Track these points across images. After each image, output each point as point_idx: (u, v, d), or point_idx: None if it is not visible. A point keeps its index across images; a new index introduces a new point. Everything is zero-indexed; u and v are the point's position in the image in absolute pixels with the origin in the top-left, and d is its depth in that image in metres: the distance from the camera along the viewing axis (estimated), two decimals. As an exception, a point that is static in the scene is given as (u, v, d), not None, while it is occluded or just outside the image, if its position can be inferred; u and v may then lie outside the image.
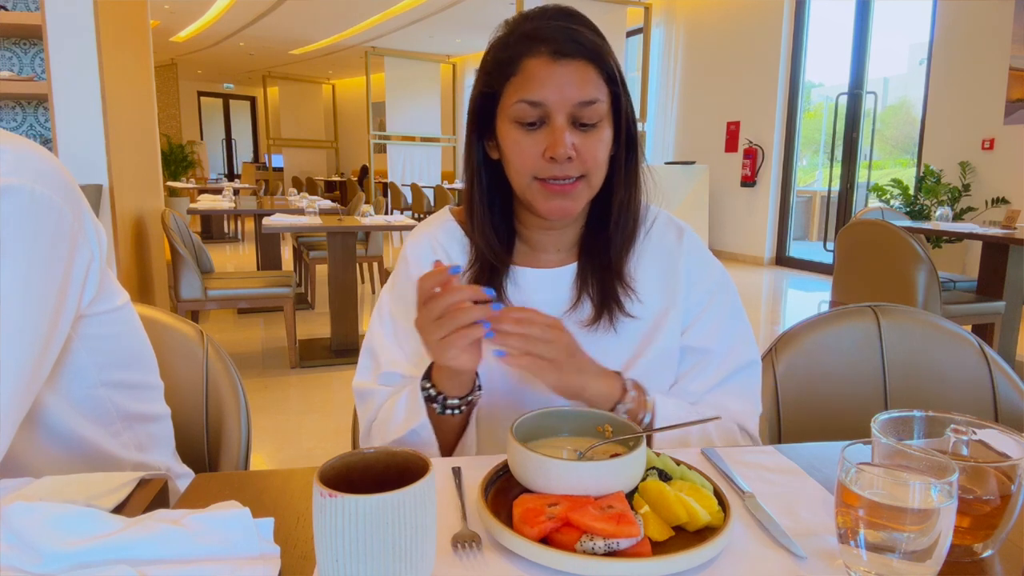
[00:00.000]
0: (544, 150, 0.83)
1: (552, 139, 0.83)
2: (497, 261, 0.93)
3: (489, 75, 0.87)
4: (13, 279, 0.64)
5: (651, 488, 0.64)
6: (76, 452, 0.79)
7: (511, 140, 0.85)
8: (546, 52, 0.82)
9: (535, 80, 0.82)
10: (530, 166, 0.85)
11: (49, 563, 0.53)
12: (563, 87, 0.82)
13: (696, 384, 0.93)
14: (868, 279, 3.57)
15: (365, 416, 0.94)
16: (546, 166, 0.84)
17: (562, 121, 0.83)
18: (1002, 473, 0.59)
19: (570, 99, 0.82)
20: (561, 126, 0.82)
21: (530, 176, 0.85)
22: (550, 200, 0.86)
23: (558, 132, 0.82)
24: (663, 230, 0.98)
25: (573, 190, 0.85)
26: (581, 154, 0.84)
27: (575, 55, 0.82)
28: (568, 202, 0.86)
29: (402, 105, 12.35)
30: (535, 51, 0.83)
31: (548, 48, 0.82)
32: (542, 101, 0.82)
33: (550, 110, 0.82)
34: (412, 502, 0.48)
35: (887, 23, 6.92)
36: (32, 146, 0.70)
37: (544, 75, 0.82)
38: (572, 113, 0.83)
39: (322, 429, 2.99)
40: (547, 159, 0.83)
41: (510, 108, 0.84)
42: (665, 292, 0.95)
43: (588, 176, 0.86)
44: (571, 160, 0.83)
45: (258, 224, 5.28)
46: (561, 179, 0.84)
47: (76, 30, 3.19)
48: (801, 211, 8.78)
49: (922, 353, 1.14)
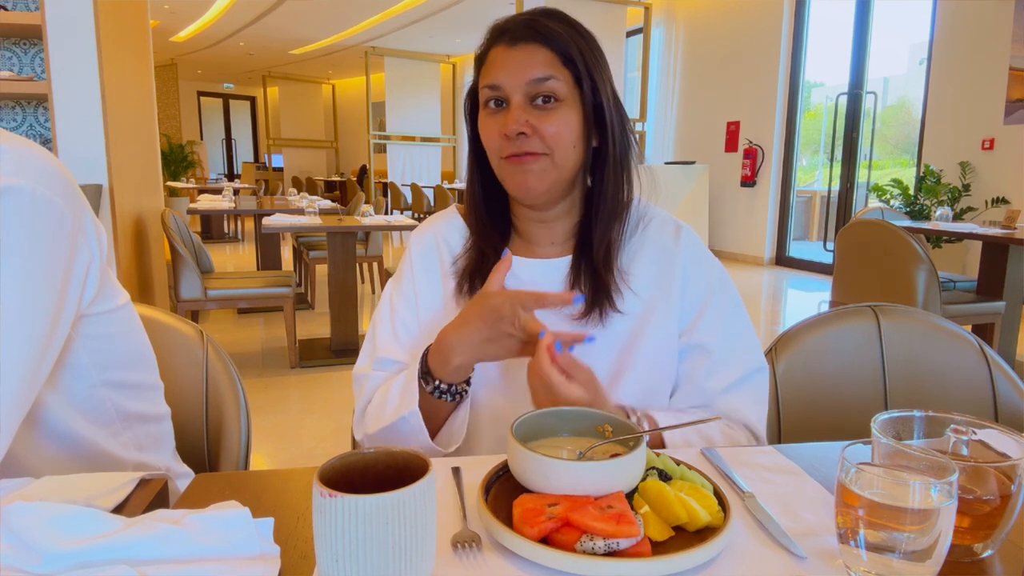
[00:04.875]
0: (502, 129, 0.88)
1: (506, 116, 0.88)
2: (491, 250, 0.96)
3: (474, 72, 0.95)
4: (13, 279, 0.64)
5: (651, 488, 0.64)
6: (76, 452, 0.79)
7: (482, 124, 0.92)
8: (504, 40, 0.89)
9: (495, 65, 0.89)
10: (496, 146, 0.90)
11: (49, 563, 0.53)
12: (516, 68, 0.88)
13: (712, 382, 0.93)
14: (868, 279, 3.57)
15: (359, 400, 0.97)
16: (507, 144, 0.88)
17: (518, 99, 0.88)
18: (1002, 473, 0.59)
19: (522, 78, 0.87)
20: (517, 104, 0.88)
21: (497, 156, 0.91)
22: (515, 175, 0.90)
23: (512, 110, 0.88)
24: (660, 228, 0.98)
25: (531, 161, 0.88)
26: (539, 130, 0.87)
27: (528, 39, 0.88)
28: (529, 178, 0.89)
29: (402, 105, 12.35)
30: (497, 41, 0.90)
31: (506, 36, 0.89)
32: (499, 84, 0.88)
33: (506, 92, 0.88)
34: (412, 502, 0.48)
35: (887, 23, 6.92)
36: (33, 146, 0.70)
37: (501, 60, 0.89)
38: (528, 92, 0.88)
39: (322, 429, 2.99)
40: (503, 136, 0.88)
41: (481, 95, 0.91)
42: (659, 288, 0.95)
43: (552, 154, 0.88)
44: (526, 136, 0.87)
45: (258, 224, 5.27)
46: (520, 154, 0.88)
47: (76, 30, 3.19)
48: (801, 211, 8.78)
49: (922, 353, 1.14)
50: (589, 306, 0.92)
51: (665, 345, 0.94)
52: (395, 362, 0.96)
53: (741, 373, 0.93)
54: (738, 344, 0.94)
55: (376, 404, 0.92)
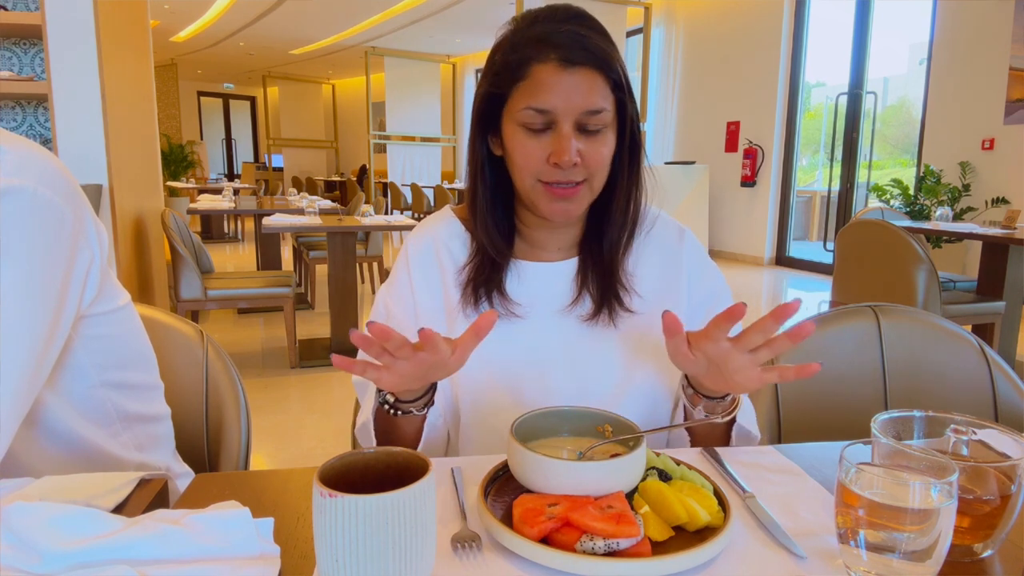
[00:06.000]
0: (549, 155, 0.84)
1: (558, 146, 0.83)
2: (499, 256, 0.94)
3: (497, 76, 0.87)
4: (14, 280, 0.64)
5: (651, 488, 0.64)
6: (76, 452, 0.79)
7: (517, 142, 0.85)
8: (555, 59, 0.82)
9: (544, 87, 0.82)
10: (534, 169, 0.85)
11: (49, 563, 0.53)
12: (571, 95, 0.82)
13: None
14: (868, 279, 3.57)
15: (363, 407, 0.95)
16: (550, 170, 0.84)
17: (568, 129, 0.83)
18: (1002, 473, 0.59)
19: (577, 107, 0.82)
20: (567, 133, 0.82)
21: (534, 178, 0.86)
22: (553, 203, 0.86)
23: (564, 139, 0.82)
24: (663, 230, 0.99)
25: (575, 194, 0.86)
26: (585, 159, 0.84)
27: (584, 63, 0.82)
28: (571, 205, 0.87)
29: (402, 105, 12.35)
30: (544, 57, 0.82)
31: (558, 55, 0.82)
32: (550, 109, 0.82)
33: (557, 117, 0.83)
34: (412, 502, 0.48)
35: (887, 23, 6.92)
36: (34, 147, 0.70)
37: (553, 82, 0.82)
38: (578, 120, 0.83)
39: (322, 429, 2.99)
40: (551, 164, 0.84)
41: (517, 112, 0.84)
42: (666, 288, 0.95)
43: (591, 180, 0.86)
44: (576, 166, 0.84)
45: (258, 224, 5.27)
46: (564, 184, 0.85)
47: (76, 30, 3.19)
48: (801, 211, 8.78)
49: (922, 353, 1.14)
50: (598, 307, 0.92)
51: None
52: None
53: None
54: None
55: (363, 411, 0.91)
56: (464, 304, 0.93)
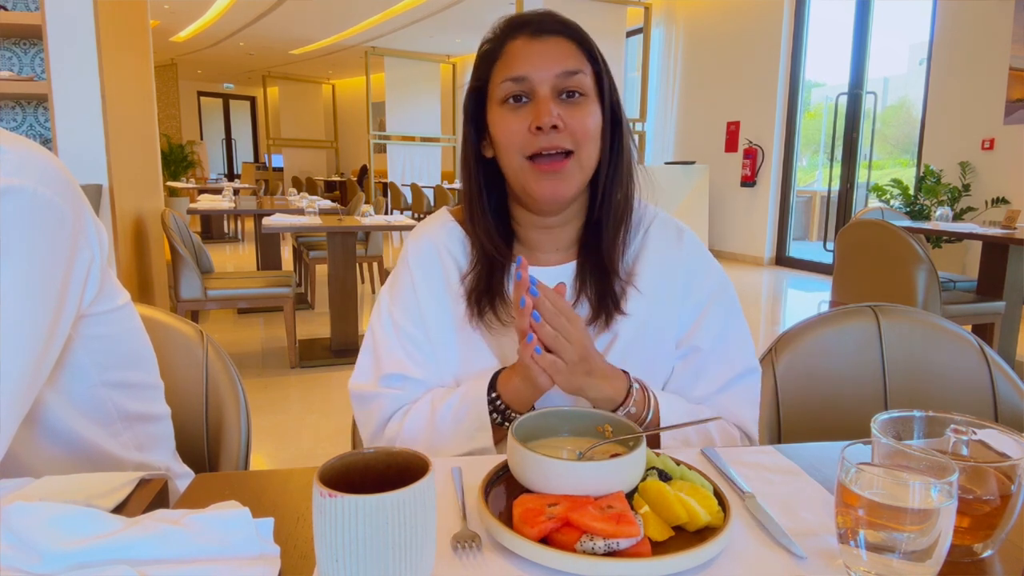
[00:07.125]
0: (531, 123, 0.85)
1: (537, 109, 0.84)
2: (501, 257, 0.93)
3: (477, 69, 0.91)
4: (14, 279, 0.64)
5: (651, 488, 0.64)
6: (76, 452, 0.79)
7: (500, 120, 0.87)
8: (527, 32, 0.86)
9: (518, 57, 0.85)
10: (519, 143, 0.86)
11: (49, 563, 0.53)
12: (545, 59, 0.85)
13: (699, 390, 0.94)
14: (868, 279, 3.57)
15: (371, 421, 0.93)
16: (533, 139, 0.85)
17: (546, 91, 0.85)
18: (1002, 473, 0.59)
19: (552, 70, 0.84)
20: (546, 96, 0.84)
21: (520, 155, 0.86)
22: (542, 181, 0.86)
23: (543, 102, 0.84)
24: (662, 229, 0.98)
25: (563, 167, 0.86)
26: (568, 125, 0.84)
27: (555, 32, 0.86)
28: (560, 183, 0.86)
29: (402, 105, 12.34)
30: (516, 33, 0.87)
31: (529, 29, 0.87)
32: (525, 75, 0.85)
33: (534, 83, 0.85)
34: (412, 502, 0.48)
35: (887, 23, 6.92)
36: (34, 147, 0.70)
37: (526, 51, 0.85)
38: (556, 85, 0.85)
39: (322, 429, 2.99)
40: (534, 131, 0.84)
41: (497, 90, 0.87)
42: (664, 291, 0.95)
43: (577, 151, 0.86)
44: (558, 129, 0.84)
45: (258, 224, 5.27)
46: (550, 151, 0.85)
47: (76, 30, 3.19)
48: (801, 211, 8.78)
49: (922, 353, 1.14)
50: (596, 311, 0.92)
51: (663, 343, 0.94)
52: (406, 378, 0.92)
53: (734, 373, 0.93)
54: (732, 345, 0.94)
55: (431, 432, 0.88)
56: (470, 316, 0.93)
